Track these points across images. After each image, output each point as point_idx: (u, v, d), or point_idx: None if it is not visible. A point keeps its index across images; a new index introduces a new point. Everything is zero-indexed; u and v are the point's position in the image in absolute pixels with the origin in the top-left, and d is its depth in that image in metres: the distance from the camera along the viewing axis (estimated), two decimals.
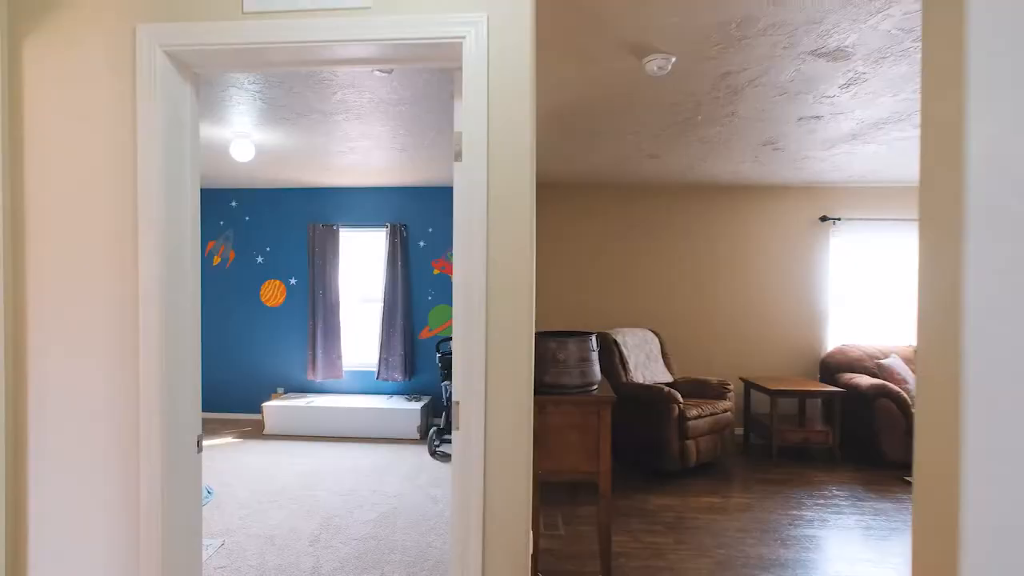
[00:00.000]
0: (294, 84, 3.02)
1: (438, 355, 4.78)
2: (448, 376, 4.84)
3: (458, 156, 1.78)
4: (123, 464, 1.68)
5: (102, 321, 1.68)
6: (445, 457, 4.83)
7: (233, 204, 6.17)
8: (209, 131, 3.89)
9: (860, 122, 3.51)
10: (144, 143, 1.67)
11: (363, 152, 4.47)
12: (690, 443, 4.35)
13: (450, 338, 5.10)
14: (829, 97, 3.10)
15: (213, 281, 6.22)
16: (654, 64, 2.61)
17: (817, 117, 3.44)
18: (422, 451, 5.03)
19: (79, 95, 1.70)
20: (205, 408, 6.26)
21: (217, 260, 6.22)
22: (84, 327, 1.68)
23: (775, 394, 4.73)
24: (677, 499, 4.02)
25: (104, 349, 1.68)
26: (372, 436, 5.44)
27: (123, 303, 1.68)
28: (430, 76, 2.92)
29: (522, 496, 1.67)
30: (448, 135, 3.93)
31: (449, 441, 4.81)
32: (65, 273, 1.70)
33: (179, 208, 1.76)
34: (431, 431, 4.88)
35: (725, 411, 4.61)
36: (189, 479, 1.80)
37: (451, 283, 5.90)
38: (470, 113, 1.68)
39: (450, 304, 5.91)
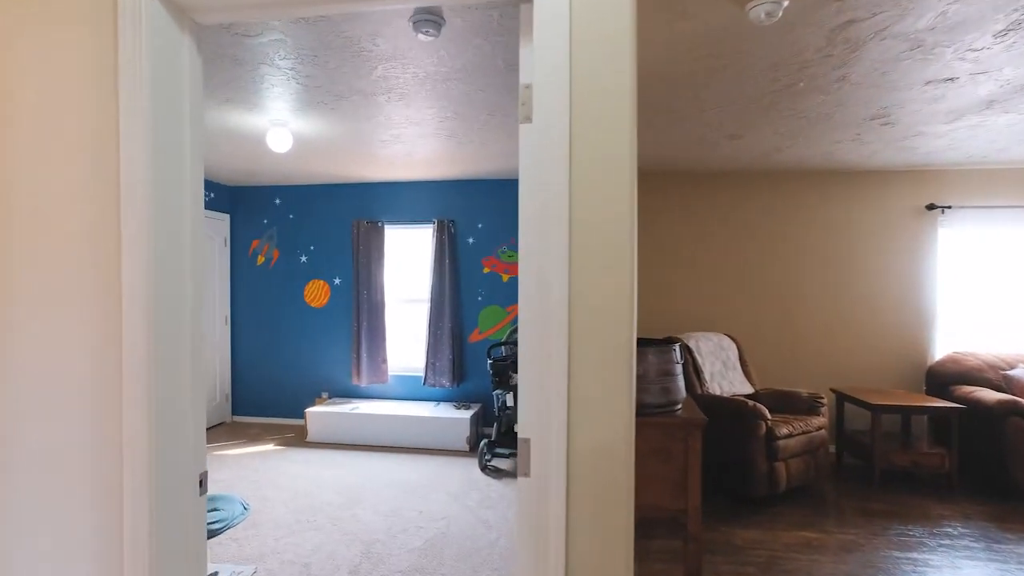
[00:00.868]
0: (330, 58, 2.66)
1: (489, 361, 4.37)
2: (500, 384, 4.43)
3: (526, 116, 1.34)
4: (103, 518, 1.33)
5: (75, 337, 1.33)
6: (497, 473, 4.41)
7: (277, 202, 5.96)
8: (244, 119, 3.60)
9: (1005, 84, 2.87)
10: (128, 109, 1.31)
11: (408, 141, 4.10)
12: (779, 465, 3.78)
13: (502, 343, 4.68)
14: (975, 51, 2.49)
15: (257, 281, 6.02)
16: (761, 9, 2.09)
17: (951, 80, 2.82)
18: (472, 465, 4.63)
19: (48, 49, 1.35)
20: (248, 412, 6.08)
21: (261, 259, 6.02)
22: (50, 345, 1.34)
23: (878, 409, 4.08)
24: (767, 532, 3.46)
25: (76, 379, 1.33)
26: (418, 446, 5.09)
27: (103, 315, 1.32)
28: (482, 42, 2.50)
29: (621, 572, 1.22)
30: (502, 117, 3.50)
31: (502, 455, 4.40)
32: (26, 276, 1.35)
33: (174, 193, 1.39)
34: (482, 444, 4.48)
35: (819, 428, 4.00)
36: (188, 530, 1.43)
37: (502, 283, 5.49)
38: (545, 58, 1.24)
39: (502, 305, 5.50)
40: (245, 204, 6.03)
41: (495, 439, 4.51)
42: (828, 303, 5.00)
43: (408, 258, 5.89)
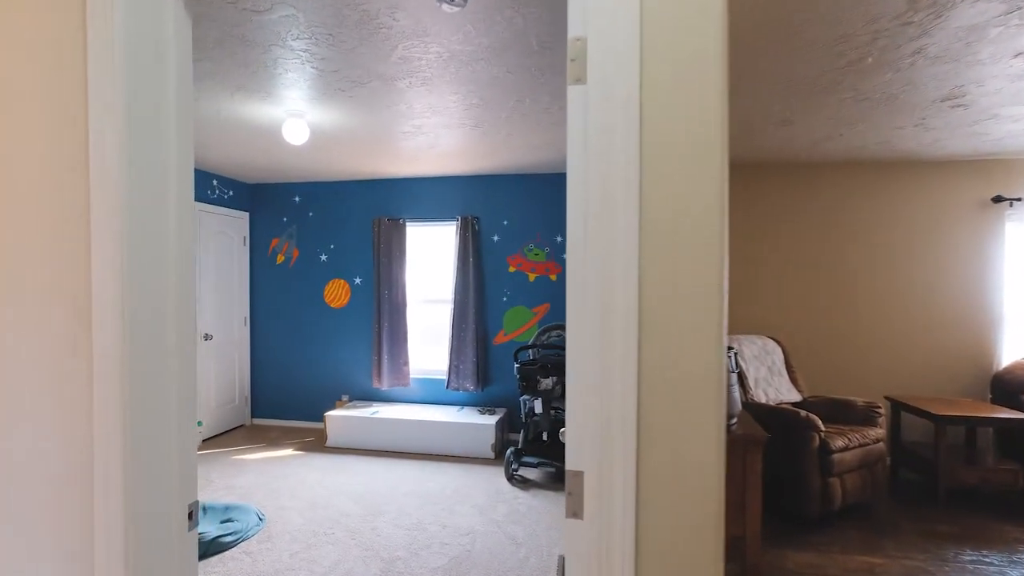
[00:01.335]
0: (346, 37, 2.44)
1: (516, 365, 4.13)
2: (528, 389, 4.18)
3: (576, 77, 1.09)
4: (69, 569, 1.11)
5: (34, 346, 1.12)
6: (525, 483, 4.17)
7: (296, 199, 5.80)
8: (258, 110, 3.42)
9: None
10: (98, 79, 1.09)
11: (431, 132, 3.87)
12: (834, 481, 3.46)
13: (529, 346, 4.43)
14: None
15: (276, 281, 5.88)
16: None
17: None
18: (497, 474, 4.39)
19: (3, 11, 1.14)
20: (267, 415, 5.93)
21: (280, 258, 5.87)
22: (2, 356, 1.12)
23: (943, 420, 3.72)
24: (823, 555, 3.14)
25: (32, 396, 1.12)
26: (441, 453, 4.87)
27: (69, 320, 1.10)
28: (513, 14, 2.25)
29: None
30: (531, 104, 3.25)
31: (530, 464, 4.15)
32: None
33: (155, 180, 1.17)
34: (508, 452, 4.23)
35: (876, 441, 3.67)
36: (175, 573, 1.21)
37: (529, 282, 5.23)
38: (604, 2, 0.99)
39: (528, 306, 5.24)
40: (264, 202, 5.89)
41: (522, 447, 4.26)
42: (881, 304, 4.63)
43: (430, 257, 5.68)
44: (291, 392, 5.85)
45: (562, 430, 1.39)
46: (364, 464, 4.67)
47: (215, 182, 5.43)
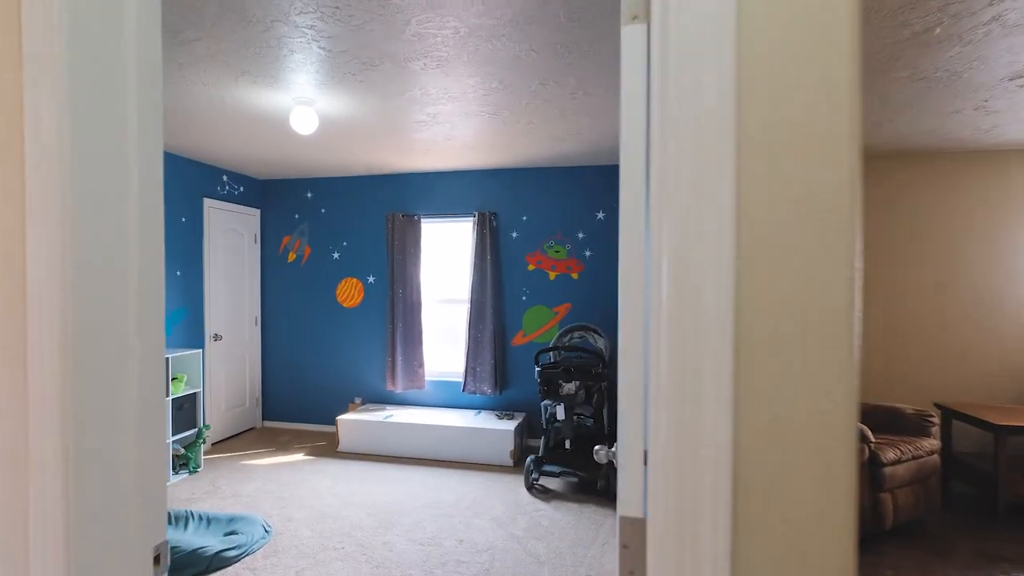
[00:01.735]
0: (355, 11, 2.22)
1: (537, 369, 3.89)
2: (549, 394, 3.94)
3: (633, 14, 0.87)
4: None
5: None
6: (546, 494, 3.93)
7: (308, 195, 5.63)
8: (264, 97, 3.22)
9: None
10: (34, 42, 0.88)
11: (447, 120, 3.65)
12: (885, 496, 3.17)
13: (551, 348, 4.18)
14: None
15: (288, 280, 5.70)
16: None
17: None
18: (517, 483, 4.16)
19: None
20: (278, 418, 5.76)
21: (292, 256, 5.70)
22: None
23: (1003, 431, 3.41)
24: None
25: None
26: (458, 460, 4.65)
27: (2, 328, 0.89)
28: None
29: None
30: (554, 88, 3.01)
31: (552, 473, 3.91)
32: None
33: (110, 166, 0.95)
34: (529, 461, 4.00)
35: (931, 453, 3.37)
36: None
37: (549, 281, 4.99)
38: None
39: (548, 306, 5.00)
40: (275, 198, 5.72)
41: (543, 455, 4.03)
42: (928, 303, 4.31)
43: (446, 254, 5.46)
44: (303, 394, 5.67)
45: (598, 448, 1.15)
46: (377, 471, 4.46)
47: (225, 177, 5.27)
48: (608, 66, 2.74)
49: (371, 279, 5.46)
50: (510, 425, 4.61)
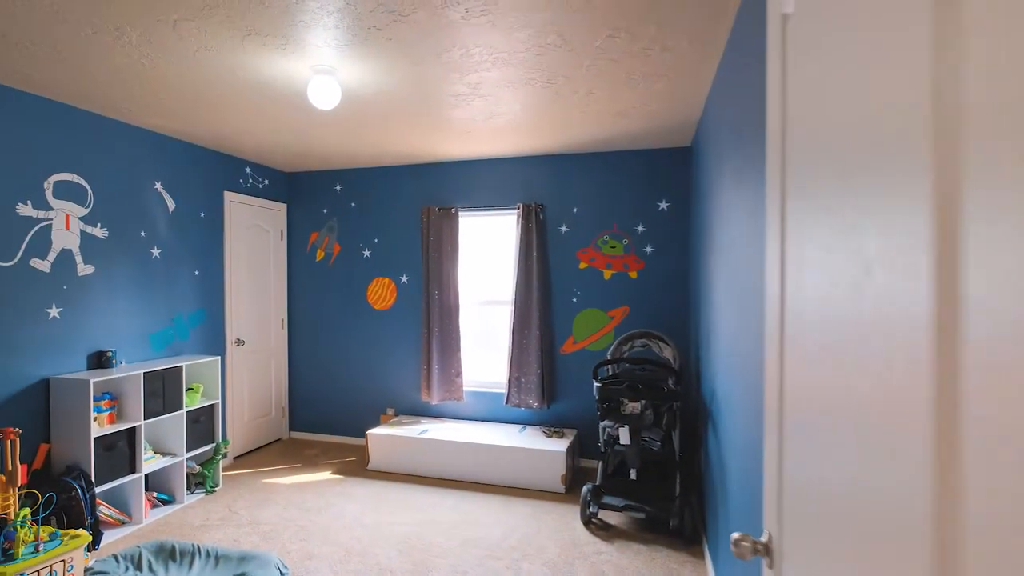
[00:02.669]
0: None
1: (596, 384, 3.30)
2: (609, 413, 3.35)
3: None
4: None
5: None
6: (607, 531, 3.34)
7: (337, 188, 5.18)
8: (278, 64, 2.73)
9: None
10: None
11: (489, 92, 3.11)
12: None
13: (612, 360, 3.58)
14: None
15: (316, 279, 5.27)
16: None
17: None
18: (571, 515, 3.58)
19: None
20: (306, 428, 5.34)
21: (320, 255, 5.26)
22: None
23: None
24: None
25: None
26: (501, 483, 4.10)
27: None
28: None
29: None
30: (627, 41, 2.42)
31: (612, 507, 3.31)
32: None
33: None
34: (585, 490, 3.42)
35: None
36: None
37: (603, 281, 4.39)
38: None
39: (603, 309, 4.40)
40: (302, 192, 5.30)
41: (602, 483, 3.44)
42: None
43: (487, 251, 4.93)
44: (332, 404, 5.23)
45: (737, 537, 0.55)
46: (410, 494, 3.96)
47: (248, 170, 4.87)
48: (701, 6, 2.14)
49: (404, 279, 4.97)
50: (560, 445, 4.03)
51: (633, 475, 3.28)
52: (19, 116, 3.11)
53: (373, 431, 4.46)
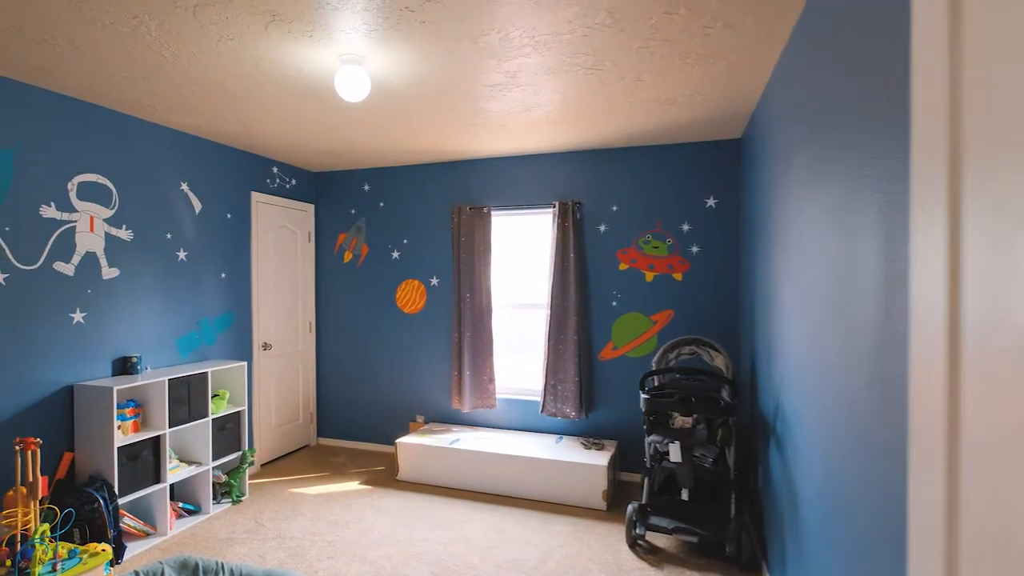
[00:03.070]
0: None
1: (644, 396, 3.05)
2: (657, 428, 3.10)
3: None
4: None
5: None
6: (654, 554, 3.08)
7: (366, 187, 5.02)
8: (304, 53, 2.56)
9: None
10: None
11: (528, 82, 2.89)
12: None
13: (660, 370, 3.32)
14: None
15: (344, 282, 5.12)
16: None
17: None
18: (614, 535, 3.33)
19: None
20: (334, 434, 5.20)
21: (348, 257, 5.11)
22: None
23: None
24: None
25: None
26: (537, 498, 3.87)
27: None
28: None
29: None
30: (686, 17, 2.17)
31: (661, 529, 3.05)
32: None
33: None
34: (631, 510, 3.17)
35: None
36: None
37: (645, 283, 4.13)
38: None
39: (645, 313, 4.14)
40: (330, 192, 5.16)
41: (648, 502, 3.18)
42: None
43: (521, 252, 4.71)
44: (360, 410, 5.07)
45: None
46: (442, 508, 3.76)
47: (275, 170, 4.74)
48: None
49: (435, 281, 4.78)
50: (602, 459, 3.79)
51: (685, 495, 3.01)
52: (43, 116, 3.00)
53: (402, 440, 4.28)
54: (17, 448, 2.69)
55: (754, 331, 3.23)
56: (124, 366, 3.45)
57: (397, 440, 4.29)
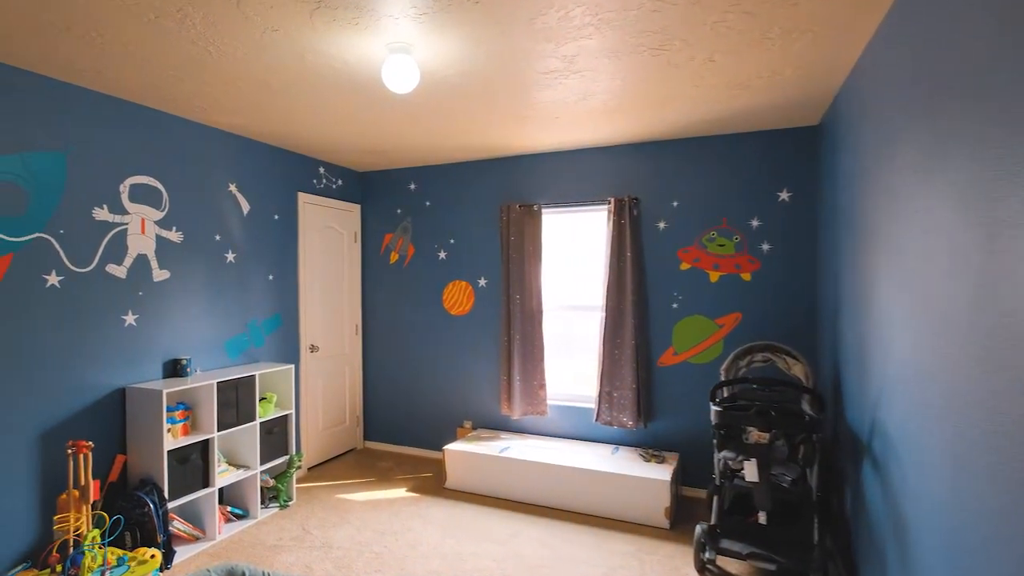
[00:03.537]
0: None
1: (715, 408, 2.78)
2: (729, 443, 2.82)
3: None
4: None
5: None
6: None
7: (412, 186, 4.91)
8: (350, 43, 2.42)
9: None
10: None
11: (587, 66, 2.67)
12: None
13: (731, 380, 3.04)
14: None
15: (389, 283, 5.03)
16: None
17: None
18: (679, 556, 3.08)
19: None
20: (381, 438, 5.11)
21: (394, 257, 5.01)
22: None
23: None
24: None
25: None
26: (594, 513, 3.64)
27: None
28: None
29: None
30: None
31: (734, 554, 2.78)
32: None
33: None
34: (699, 531, 2.91)
35: None
36: None
37: (710, 284, 3.84)
38: None
39: (709, 316, 3.85)
40: (376, 191, 5.07)
41: (718, 523, 2.91)
42: None
43: (573, 251, 4.49)
44: (406, 414, 4.96)
45: None
46: (491, 520, 3.59)
47: (322, 170, 4.68)
48: None
49: (482, 282, 4.62)
50: (664, 472, 3.53)
51: (763, 518, 2.73)
52: (95, 118, 2.99)
53: (450, 447, 4.13)
54: (69, 452, 2.67)
55: (838, 338, 2.91)
56: (174, 368, 3.42)
57: (445, 447, 4.15)
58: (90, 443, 2.71)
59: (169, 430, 3.15)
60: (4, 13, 2.15)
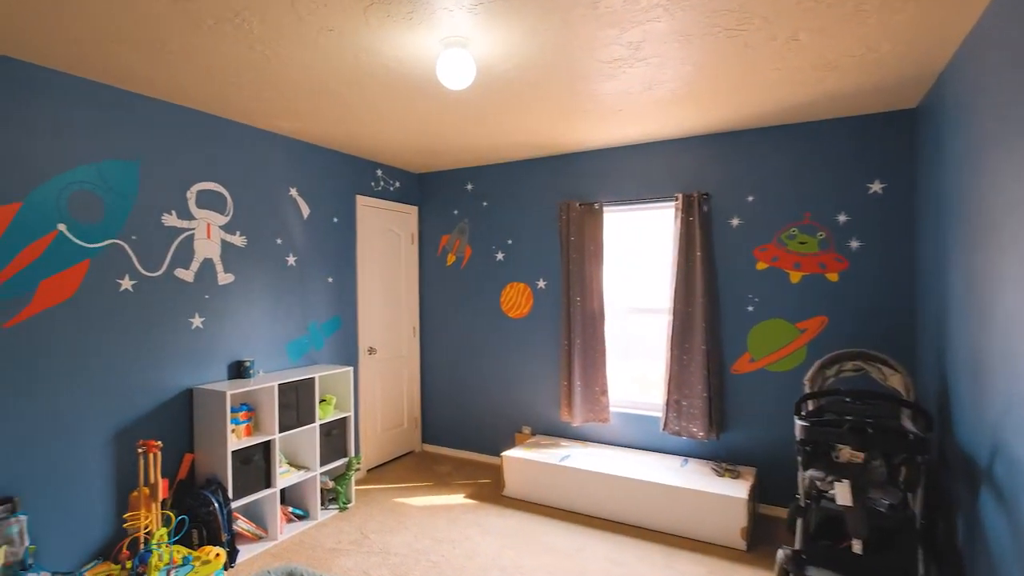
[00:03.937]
0: None
1: (800, 422, 2.51)
2: (816, 461, 2.55)
3: None
4: None
5: None
6: None
7: (468, 187, 4.83)
8: (403, 39, 2.34)
9: None
10: None
11: (654, 52, 2.47)
12: None
13: (819, 392, 2.75)
14: None
15: (446, 285, 4.97)
16: None
17: None
18: None
19: None
20: (439, 441, 5.06)
21: (451, 259, 4.95)
22: None
23: None
24: None
25: None
26: (661, 529, 3.42)
27: None
28: None
29: None
30: None
31: None
32: None
33: None
34: (781, 556, 2.64)
35: None
36: None
37: (790, 284, 3.53)
38: None
39: (789, 320, 3.54)
40: (432, 193, 5.03)
41: (803, 549, 2.63)
42: None
43: (637, 251, 4.27)
44: (464, 418, 4.89)
45: None
46: (552, 532, 3.44)
47: (379, 172, 4.68)
48: None
49: (541, 284, 4.48)
50: (740, 489, 3.27)
51: (858, 547, 2.44)
52: (162, 127, 3.07)
53: (509, 453, 4.01)
54: (140, 451, 2.73)
55: (947, 347, 2.58)
56: (238, 370, 3.48)
57: (503, 453, 4.03)
58: (159, 443, 2.77)
59: (233, 431, 3.19)
60: (78, 28, 2.20)
